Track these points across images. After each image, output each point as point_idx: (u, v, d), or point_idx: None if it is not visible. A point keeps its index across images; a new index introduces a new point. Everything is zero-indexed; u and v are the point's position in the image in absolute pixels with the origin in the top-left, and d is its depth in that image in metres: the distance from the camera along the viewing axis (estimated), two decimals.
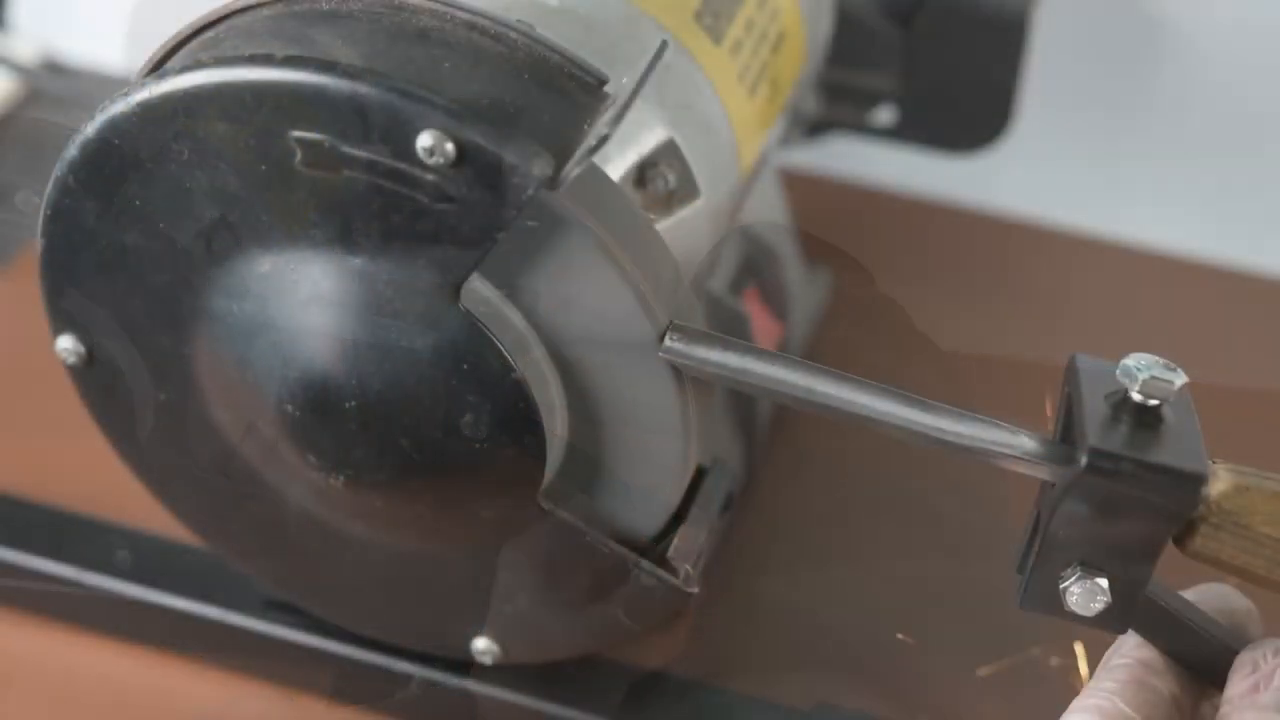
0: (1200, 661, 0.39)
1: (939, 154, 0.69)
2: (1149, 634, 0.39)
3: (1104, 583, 0.38)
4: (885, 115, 0.68)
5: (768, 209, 0.61)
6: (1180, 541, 0.38)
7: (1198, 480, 0.37)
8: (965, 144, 0.68)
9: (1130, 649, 0.39)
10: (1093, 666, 0.41)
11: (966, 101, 0.66)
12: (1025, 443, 0.39)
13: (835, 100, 0.68)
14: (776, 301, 0.62)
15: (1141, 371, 0.38)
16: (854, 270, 0.70)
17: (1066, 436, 0.39)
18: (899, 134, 0.69)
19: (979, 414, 0.40)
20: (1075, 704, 0.38)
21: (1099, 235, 0.75)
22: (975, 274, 0.74)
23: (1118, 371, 0.38)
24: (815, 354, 0.65)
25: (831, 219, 0.75)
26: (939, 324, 0.70)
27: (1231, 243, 0.75)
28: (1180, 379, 0.38)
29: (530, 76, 0.40)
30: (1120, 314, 0.71)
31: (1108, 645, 0.41)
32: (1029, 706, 0.42)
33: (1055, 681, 0.51)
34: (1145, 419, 0.38)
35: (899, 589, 0.59)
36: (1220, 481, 0.38)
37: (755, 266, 0.60)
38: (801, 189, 0.75)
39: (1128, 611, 0.39)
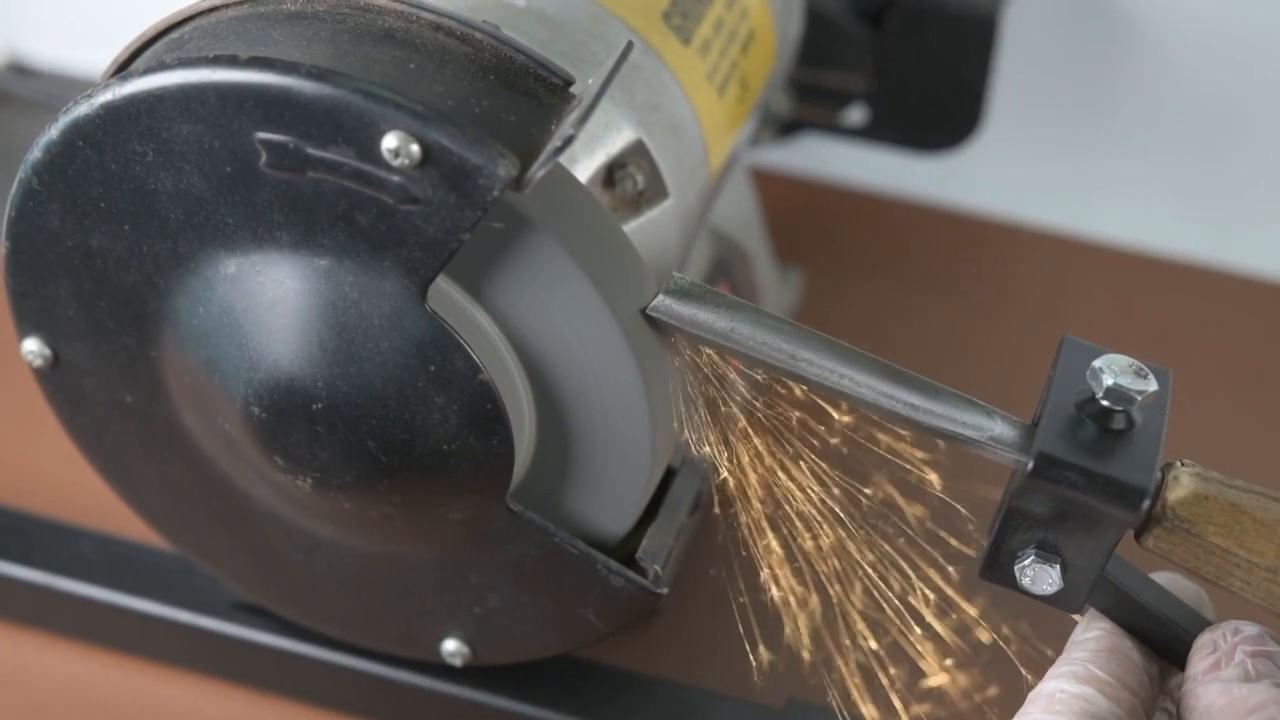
0: (1159, 642, 0.39)
1: (910, 153, 0.69)
2: (1108, 612, 0.39)
3: (1056, 569, 0.38)
4: (856, 115, 0.69)
5: (739, 208, 0.61)
6: (1137, 536, 0.38)
7: (1140, 495, 0.37)
8: (936, 143, 0.68)
9: (1099, 621, 0.40)
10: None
11: (937, 101, 0.66)
12: (996, 428, 0.39)
13: (806, 100, 0.68)
14: (748, 299, 0.62)
15: (1108, 376, 0.38)
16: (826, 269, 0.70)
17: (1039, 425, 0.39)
18: (870, 134, 0.69)
19: (962, 393, 0.40)
20: (1049, 674, 0.38)
21: (1070, 232, 0.76)
22: (948, 272, 0.74)
23: (1087, 372, 0.38)
24: None
25: (804, 218, 0.75)
26: (912, 322, 0.70)
27: (1200, 238, 0.75)
28: (1150, 386, 0.38)
29: (496, 77, 0.40)
30: (1092, 309, 0.72)
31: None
32: (1003, 697, 0.42)
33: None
34: (1107, 424, 0.38)
35: (867, 584, 0.59)
36: (1180, 487, 0.38)
37: (726, 266, 0.60)
38: (773, 188, 0.75)
39: (1081, 594, 0.39)
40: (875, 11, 0.66)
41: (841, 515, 0.44)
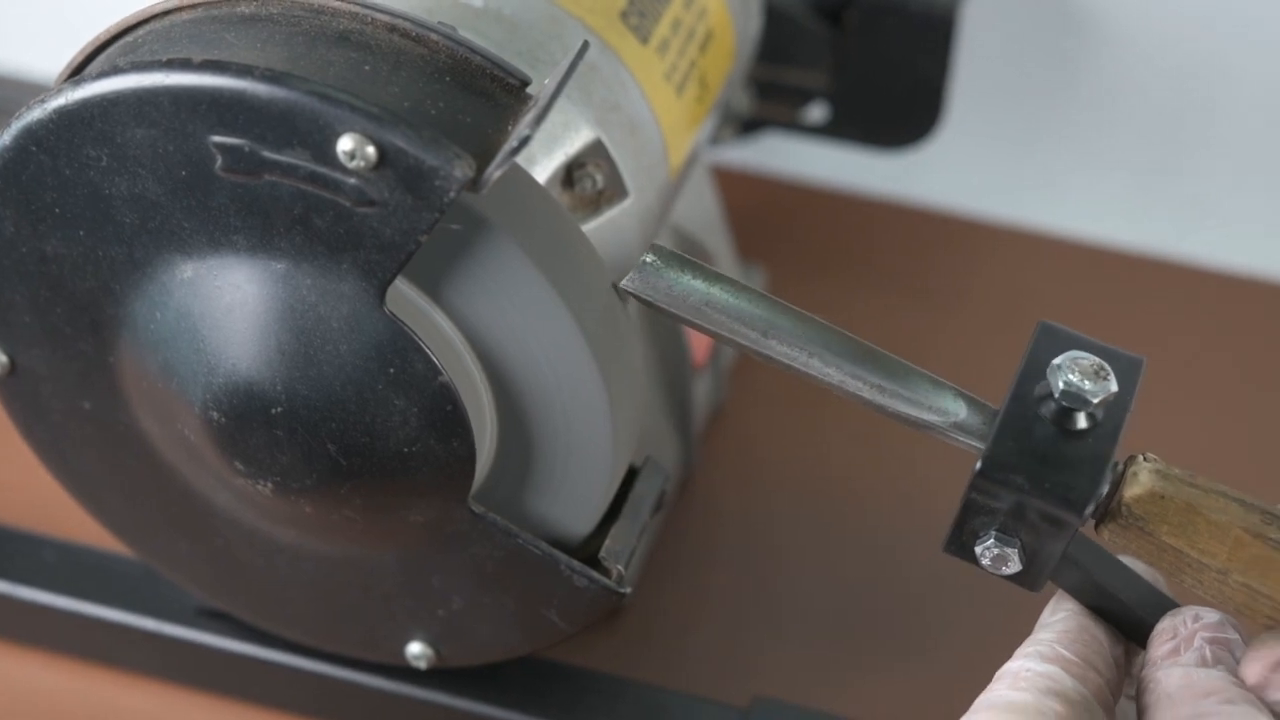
0: (1122, 624, 0.39)
1: (871, 150, 0.69)
2: (1073, 593, 0.40)
3: (1015, 552, 0.38)
4: (817, 112, 0.69)
5: (700, 207, 0.61)
6: (1096, 526, 0.39)
7: (1083, 502, 0.37)
8: (897, 140, 0.68)
9: (1067, 603, 0.40)
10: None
11: (897, 98, 0.66)
12: (960, 413, 0.39)
13: (767, 98, 0.68)
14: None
15: (1065, 375, 0.38)
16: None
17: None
18: (831, 131, 0.69)
19: (935, 376, 0.40)
20: (1016, 653, 0.38)
21: (1032, 227, 0.76)
22: (910, 268, 0.74)
23: (1048, 368, 0.38)
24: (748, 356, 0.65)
25: (766, 216, 0.75)
26: (874, 318, 0.71)
27: (1160, 232, 0.76)
28: (1109, 388, 0.38)
29: (452, 79, 0.40)
30: (1054, 303, 0.72)
31: None
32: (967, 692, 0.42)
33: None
34: (1063, 423, 0.38)
35: (837, 582, 0.59)
36: (1138, 485, 0.38)
37: None
38: (736, 186, 0.75)
39: (1041, 576, 0.39)
40: (834, 9, 0.66)
41: None
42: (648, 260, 0.41)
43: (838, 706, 0.53)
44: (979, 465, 0.37)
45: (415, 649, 0.49)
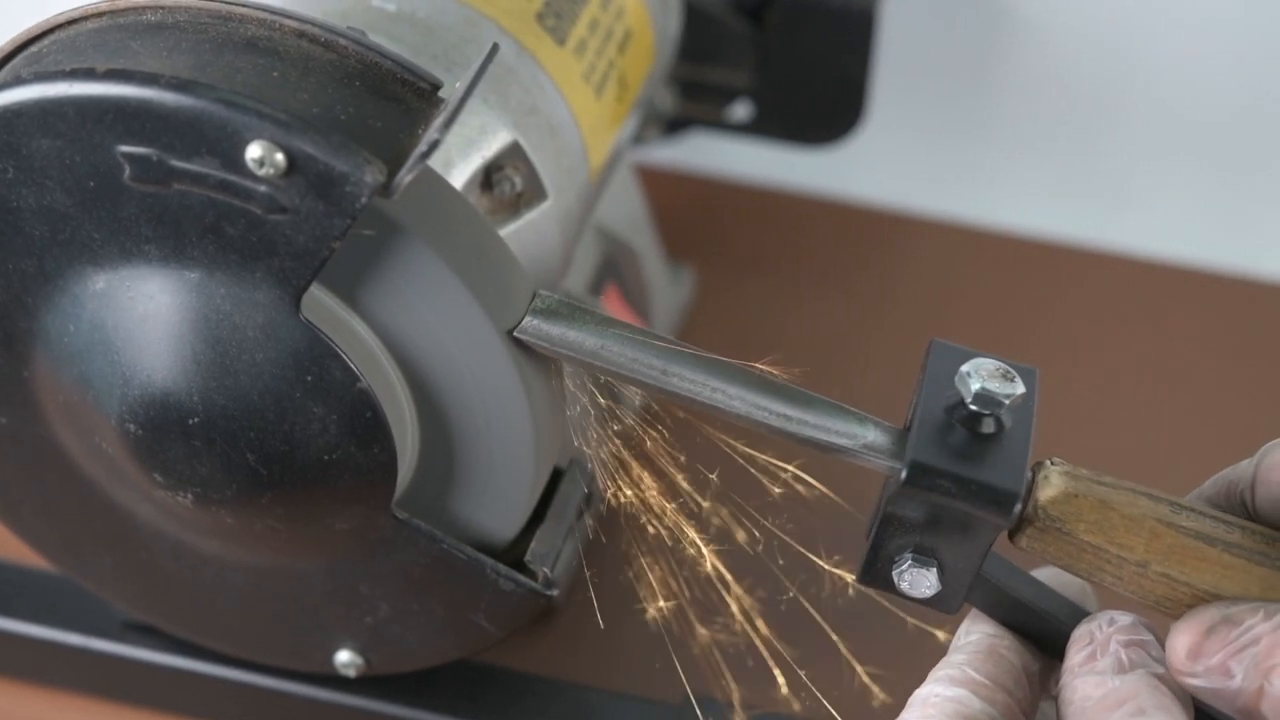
0: (1041, 637, 0.40)
1: (796, 147, 0.70)
2: (988, 611, 0.40)
3: (933, 572, 0.39)
4: (742, 110, 0.69)
5: (624, 207, 0.62)
6: (1011, 536, 0.39)
7: (1012, 499, 0.37)
8: (821, 137, 0.69)
9: (980, 624, 0.40)
10: None
11: (820, 94, 0.67)
12: (869, 435, 0.39)
13: (691, 97, 0.68)
14: (637, 299, 0.62)
15: (975, 381, 0.38)
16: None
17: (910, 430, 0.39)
18: (756, 129, 0.69)
19: (836, 402, 0.40)
20: (929, 677, 0.39)
21: (956, 220, 0.76)
22: (837, 264, 0.75)
23: (955, 378, 0.38)
24: None
25: (694, 215, 0.75)
26: (804, 315, 0.71)
27: (1082, 221, 0.76)
28: (1016, 389, 0.38)
29: (362, 84, 0.40)
30: (980, 296, 0.73)
31: None
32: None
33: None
34: (977, 428, 0.38)
35: (773, 583, 0.59)
36: (1050, 487, 0.38)
37: (614, 265, 0.60)
38: (663, 186, 0.75)
39: (958, 595, 0.39)
40: (756, 7, 0.66)
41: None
42: (539, 306, 0.41)
43: (771, 703, 0.53)
44: (904, 473, 0.38)
45: (344, 657, 0.49)
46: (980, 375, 0.38)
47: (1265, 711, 0.35)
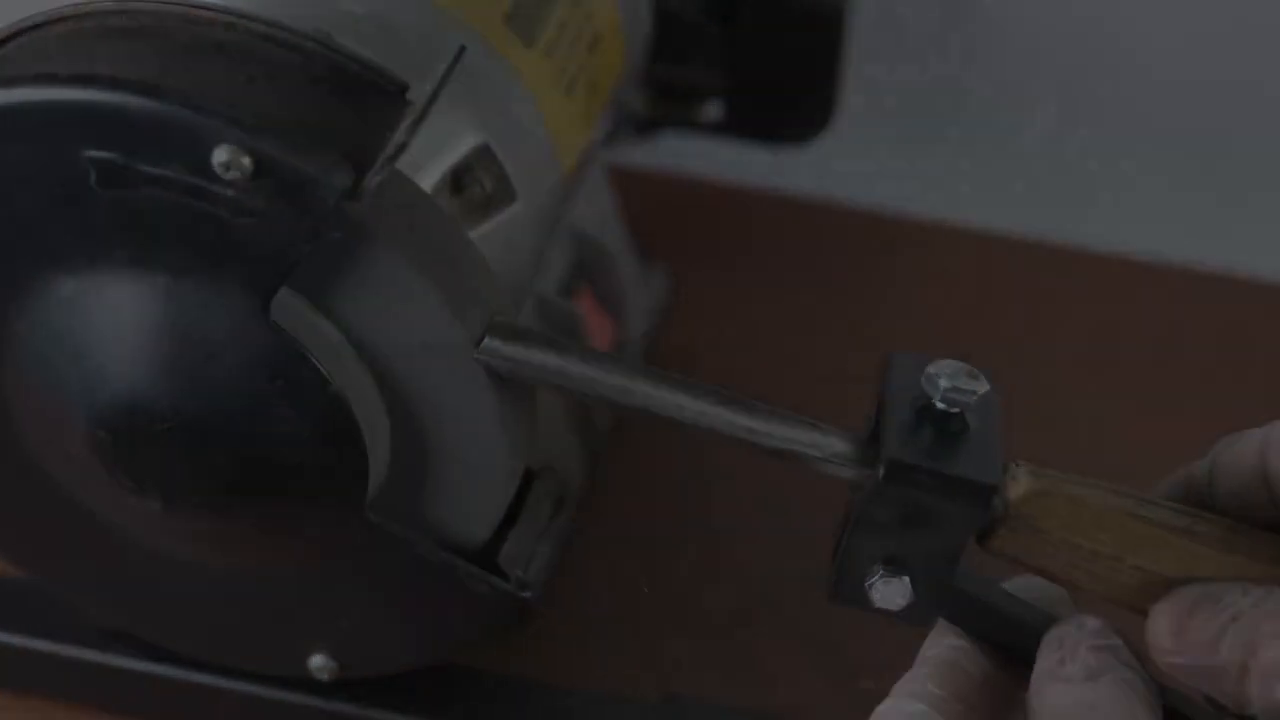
0: (1012, 645, 0.40)
1: (768, 147, 0.70)
2: (959, 622, 0.40)
3: (907, 582, 0.39)
4: (714, 110, 0.69)
5: (597, 209, 0.62)
6: (982, 541, 0.39)
7: (989, 491, 0.38)
8: (792, 136, 0.69)
9: (943, 637, 0.40)
10: None
11: (790, 94, 0.67)
12: (835, 444, 0.39)
13: (663, 98, 0.68)
14: (611, 300, 0.62)
15: (943, 380, 0.38)
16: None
17: (875, 438, 0.39)
18: (728, 129, 0.69)
19: (794, 414, 0.40)
20: (892, 691, 0.39)
21: (931, 218, 0.77)
22: (813, 262, 0.75)
23: (922, 379, 0.39)
24: (655, 355, 0.65)
25: (668, 216, 0.75)
26: (780, 314, 0.71)
27: (1054, 217, 0.77)
28: (983, 386, 0.38)
29: (328, 86, 0.40)
30: (957, 293, 0.73)
31: None
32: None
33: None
34: (947, 427, 0.38)
35: (745, 577, 0.59)
36: (1020, 485, 0.38)
37: (587, 267, 0.60)
38: (637, 187, 0.75)
39: (933, 605, 0.39)
40: (724, 8, 0.66)
41: None
42: (496, 329, 0.41)
43: (747, 701, 0.53)
44: (882, 471, 0.38)
45: (318, 661, 0.49)
46: (946, 374, 0.38)
47: (1250, 686, 0.36)
